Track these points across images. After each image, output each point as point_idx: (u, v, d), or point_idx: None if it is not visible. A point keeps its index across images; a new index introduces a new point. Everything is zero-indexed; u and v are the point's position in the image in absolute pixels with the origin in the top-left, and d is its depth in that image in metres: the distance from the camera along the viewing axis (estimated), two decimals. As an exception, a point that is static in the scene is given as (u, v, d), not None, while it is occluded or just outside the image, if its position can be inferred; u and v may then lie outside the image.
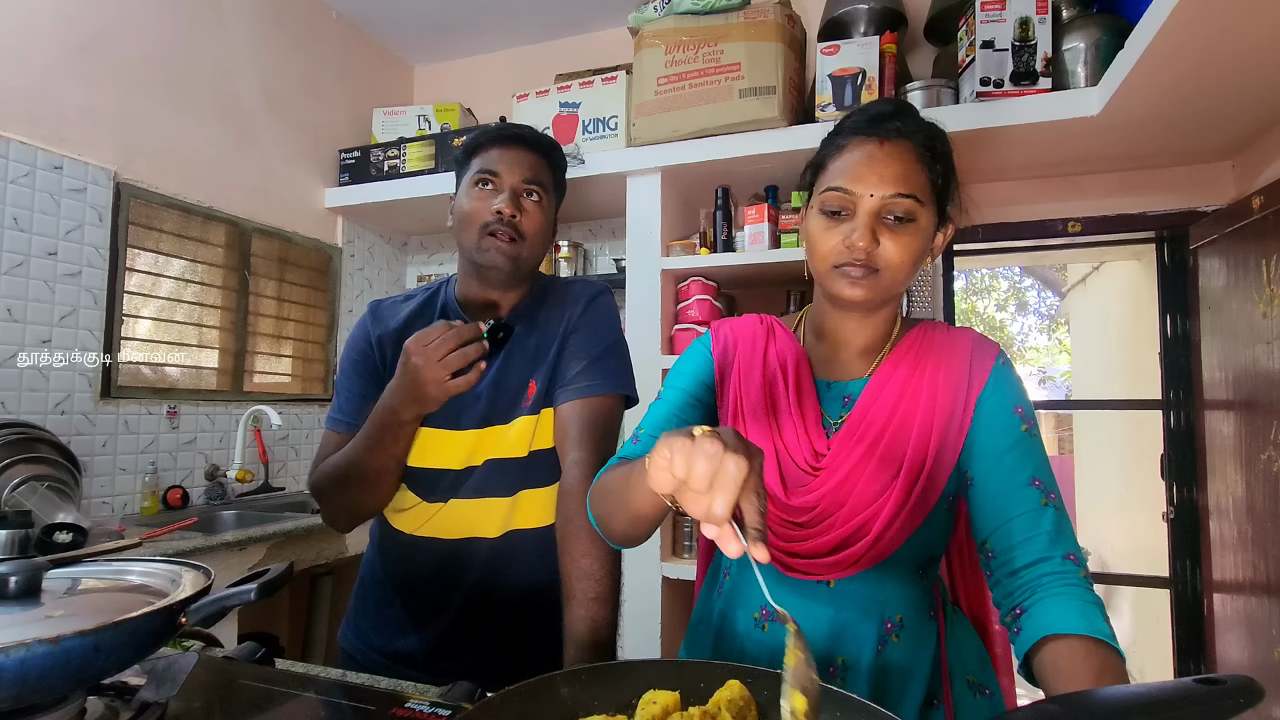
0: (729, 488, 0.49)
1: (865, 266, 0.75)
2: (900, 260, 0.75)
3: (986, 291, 11.05)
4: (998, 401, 0.78)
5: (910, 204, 0.74)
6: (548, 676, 0.60)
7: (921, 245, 0.76)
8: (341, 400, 1.07)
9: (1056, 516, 0.72)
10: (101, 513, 2.03)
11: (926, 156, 0.77)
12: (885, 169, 0.75)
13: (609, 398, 1.01)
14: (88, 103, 2.01)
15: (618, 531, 0.76)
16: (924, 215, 0.76)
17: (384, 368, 1.05)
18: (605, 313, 1.07)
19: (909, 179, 0.75)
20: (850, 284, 0.76)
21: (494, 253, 0.99)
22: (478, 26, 2.98)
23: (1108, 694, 0.47)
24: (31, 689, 0.49)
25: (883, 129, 0.77)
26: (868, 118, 0.78)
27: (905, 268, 0.75)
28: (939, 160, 0.78)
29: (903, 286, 0.79)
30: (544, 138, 1.06)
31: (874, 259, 0.75)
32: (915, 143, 0.76)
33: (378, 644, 1.05)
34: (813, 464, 0.81)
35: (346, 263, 2.94)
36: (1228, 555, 1.97)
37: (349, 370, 1.07)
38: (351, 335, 1.10)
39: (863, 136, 0.78)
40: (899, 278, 0.76)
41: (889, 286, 0.76)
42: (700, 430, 0.51)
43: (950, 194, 0.81)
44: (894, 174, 0.74)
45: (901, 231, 0.74)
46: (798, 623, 0.52)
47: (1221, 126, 1.87)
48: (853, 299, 0.77)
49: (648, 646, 2.13)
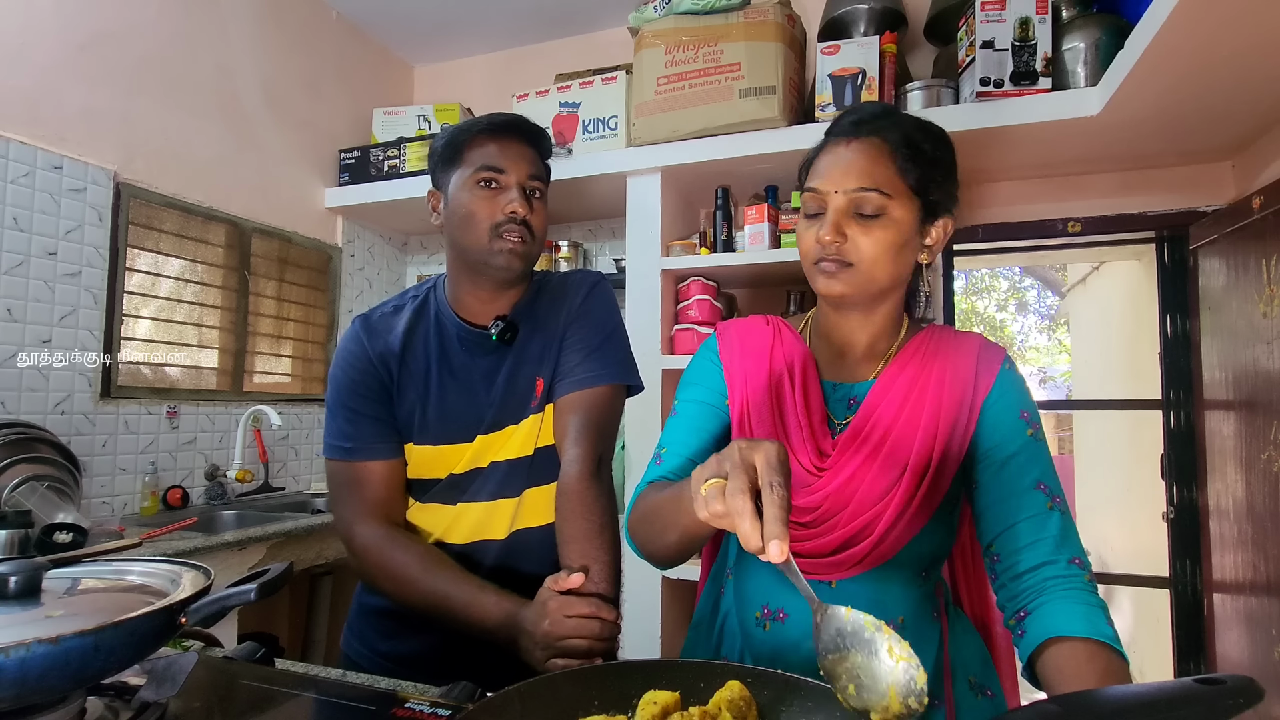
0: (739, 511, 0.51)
1: (838, 261, 0.77)
2: (872, 253, 0.76)
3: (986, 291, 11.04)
4: (1004, 406, 0.79)
5: (874, 197, 0.76)
6: (548, 676, 0.60)
7: (895, 238, 0.77)
8: (341, 424, 0.98)
9: (1062, 520, 0.73)
10: (101, 513, 2.02)
11: (901, 151, 0.77)
12: (850, 165, 0.77)
13: (608, 388, 0.99)
14: (88, 103, 2.01)
15: (665, 555, 0.78)
16: (896, 208, 0.76)
17: (392, 384, 1.00)
18: (603, 301, 1.05)
19: (873, 173, 0.76)
20: (826, 278, 0.78)
21: (507, 254, 0.96)
22: (478, 26, 2.98)
23: (1107, 694, 0.47)
24: (31, 689, 0.49)
25: (857, 129, 0.79)
26: (849, 120, 0.81)
27: (880, 260, 0.76)
28: (919, 154, 0.78)
29: (885, 281, 0.79)
30: (534, 126, 1.03)
31: (846, 253, 0.77)
32: (885, 139, 0.78)
33: (382, 649, 1.04)
34: (817, 465, 0.81)
35: (346, 263, 2.94)
36: (1228, 555, 1.97)
37: (349, 389, 0.99)
38: (345, 353, 1.01)
39: (838, 138, 0.80)
40: (875, 272, 0.77)
41: (866, 280, 0.77)
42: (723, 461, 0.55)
43: (942, 187, 0.80)
44: (858, 170, 0.76)
45: (871, 225, 0.76)
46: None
47: (1221, 126, 1.87)
48: (829, 293, 0.79)
49: (648, 646, 2.13)
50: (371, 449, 0.98)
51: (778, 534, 0.49)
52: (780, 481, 0.52)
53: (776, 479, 0.52)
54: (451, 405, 1.00)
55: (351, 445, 0.98)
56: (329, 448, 1.00)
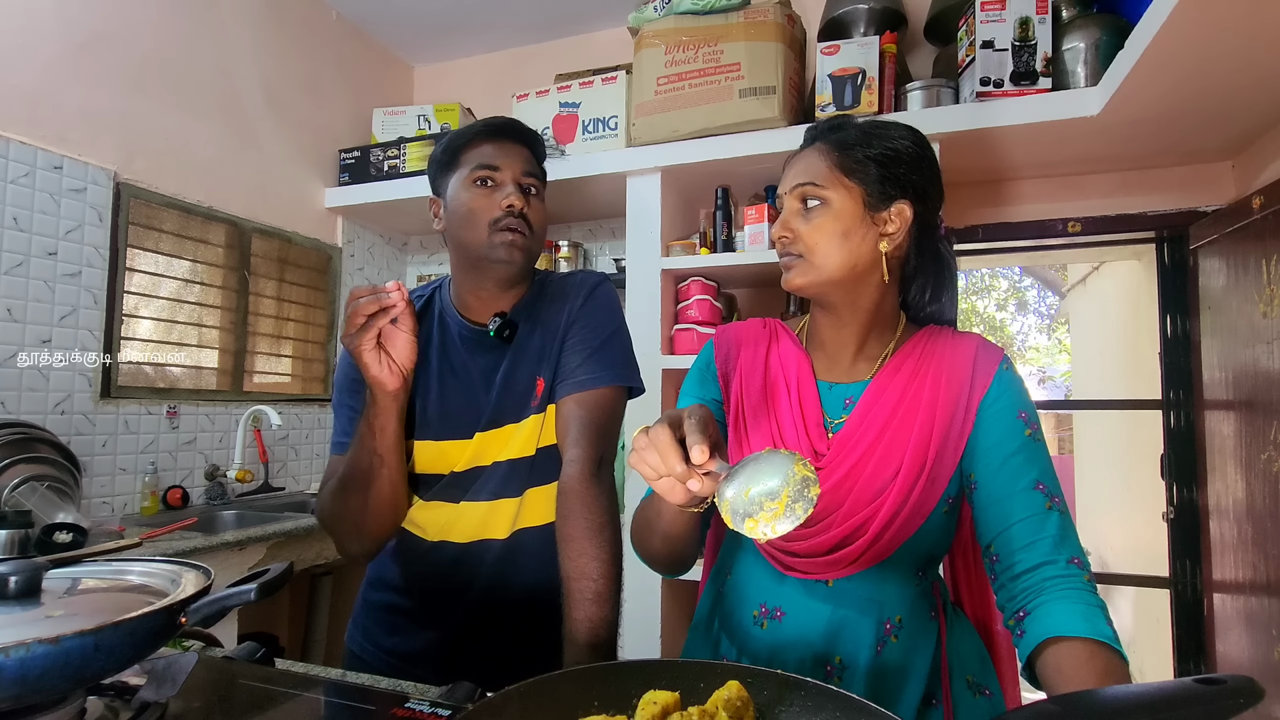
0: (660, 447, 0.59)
1: (790, 254, 0.83)
2: (813, 240, 0.81)
3: (986, 291, 11.05)
4: (1002, 406, 0.79)
5: (809, 189, 0.82)
6: (548, 676, 0.60)
7: (836, 224, 0.81)
8: (343, 422, 1.02)
9: (1061, 520, 0.73)
10: (101, 513, 2.03)
11: (837, 149, 0.83)
12: (793, 169, 0.85)
13: (609, 390, 0.99)
14: (88, 103, 2.01)
15: (661, 559, 0.82)
16: (835, 197, 0.81)
17: None
18: (605, 302, 1.05)
19: (809, 170, 0.83)
20: (785, 272, 0.84)
21: (507, 248, 0.97)
22: (477, 26, 2.98)
23: (1107, 694, 0.47)
24: (31, 689, 0.49)
25: (806, 142, 0.88)
26: (805, 137, 0.89)
27: (823, 247, 0.81)
28: (856, 148, 0.82)
29: (839, 269, 0.81)
30: (529, 130, 1.05)
31: (795, 246, 0.82)
32: (825, 141, 0.84)
33: (387, 645, 1.04)
34: (813, 464, 0.81)
35: (346, 263, 2.94)
36: (1228, 555, 1.97)
37: (349, 389, 1.02)
38: (347, 352, 1.05)
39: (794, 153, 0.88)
40: (824, 260, 0.81)
41: (820, 269, 0.81)
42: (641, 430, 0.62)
43: (892, 175, 0.81)
44: (798, 170, 0.84)
45: (812, 214, 0.82)
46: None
47: (1221, 126, 1.87)
48: (789, 286, 0.84)
49: (648, 646, 2.13)
50: None
51: (696, 440, 0.57)
52: (698, 416, 0.59)
53: (694, 415, 0.59)
54: (451, 402, 1.01)
55: (348, 441, 1.00)
56: (333, 444, 1.03)
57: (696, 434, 0.57)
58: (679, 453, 0.58)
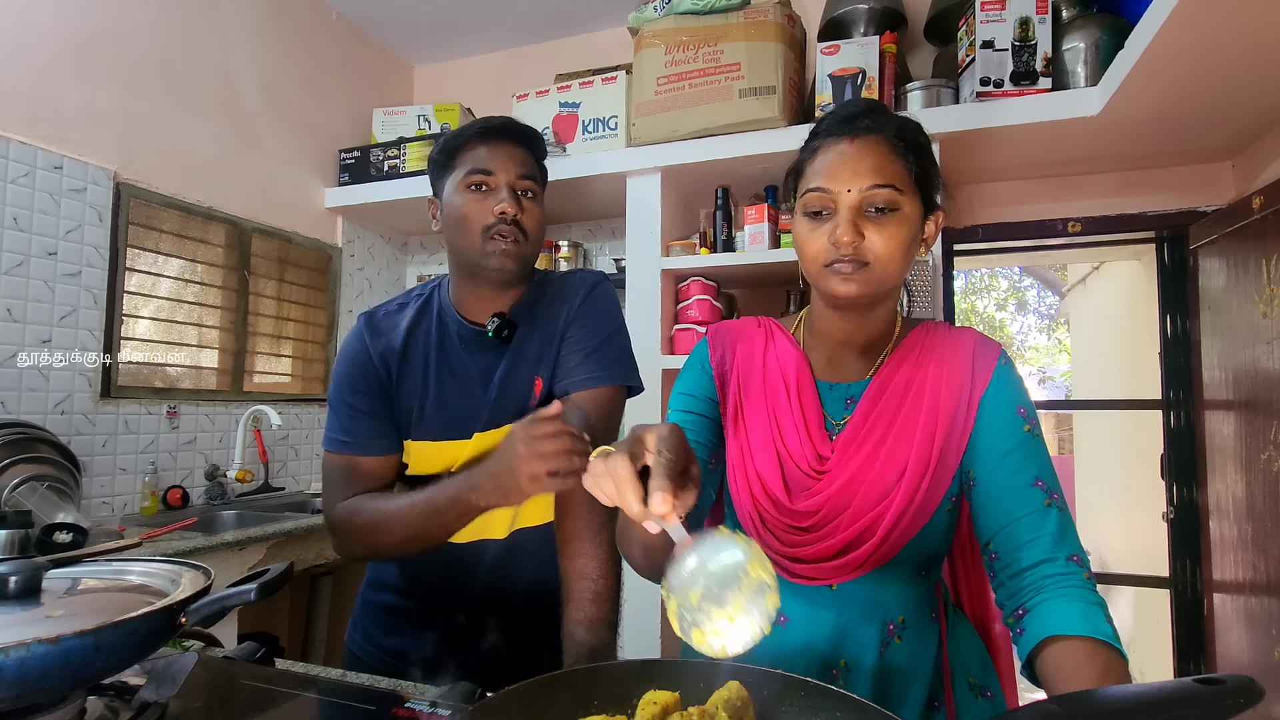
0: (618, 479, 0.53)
1: (854, 261, 0.74)
2: (888, 250, 0.74)
3: (986, 291, 11.04)
4: (1001, 402, 0.78)
5: (889, 193, 0.74)
6: (548, 676, 0.60)
7: (908, 234, 0.75)
8: (342, 419, 1.00)
9: (1060, 518, 0.72)
10: (101, 513, 2.03)
11: (900, 147, 0.77)
12: (859, 164, 0.75)
13: (609, 389, 0.99)
14: (88, 103, 2.01)
15: (644, 568, 0.80)
16: (906, 204, 0.75)
17: (390, 382, 1.01)
18: (603, 302, 1.05)
19: (884, 169, 0.75)
20: (843, 280, 0.75)
21: (499, 255, 0.96)
22: (477, 26, 2.98)
23: (1107, 694, 0.47)
24: (31, 689, 0.49)
25: (853, 127, 0.77)
26: (838, 119, 0.79)
27: (895, 258, 0.75)
28: (914, 150, 0.78)
29: (896, 279, 0.78)
30: (526, 128, 1.03)
31: (862, 252, 0.74)
32: (886, 135, 0.77)
33: (387, 645, 1.04)
34: (816, 467, 0.80)
35: (346, 263, 2.94)
36: (1228, 555, 1.97)
37: (349, 386, 1.01)
38: (347, 349, 1.03)
39: (834, 136, 0.78)
40: (890, 269, 0.75)
41: (881, 279, 0.76)
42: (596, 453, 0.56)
43: (934, 182, 0.80)
44: (868, 167, 0.75)
45: (885, 222, 0.74)
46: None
47: (1221, 126, 1.87)
48: (847, 295, 0.76)
49: (648, 646, 2.13)
50: (367, 445, 1.00)
51: (661, 486, 0.51)
52: (669, 448, 0.53)
53: (665, 447, 0.53)
54: (450, 402, 1.01)
55: (348, 440, 1.00)
56: (328, 440, 1.02)
57: (661, 477, 0.52)
58: (637, 491, 0.52)
